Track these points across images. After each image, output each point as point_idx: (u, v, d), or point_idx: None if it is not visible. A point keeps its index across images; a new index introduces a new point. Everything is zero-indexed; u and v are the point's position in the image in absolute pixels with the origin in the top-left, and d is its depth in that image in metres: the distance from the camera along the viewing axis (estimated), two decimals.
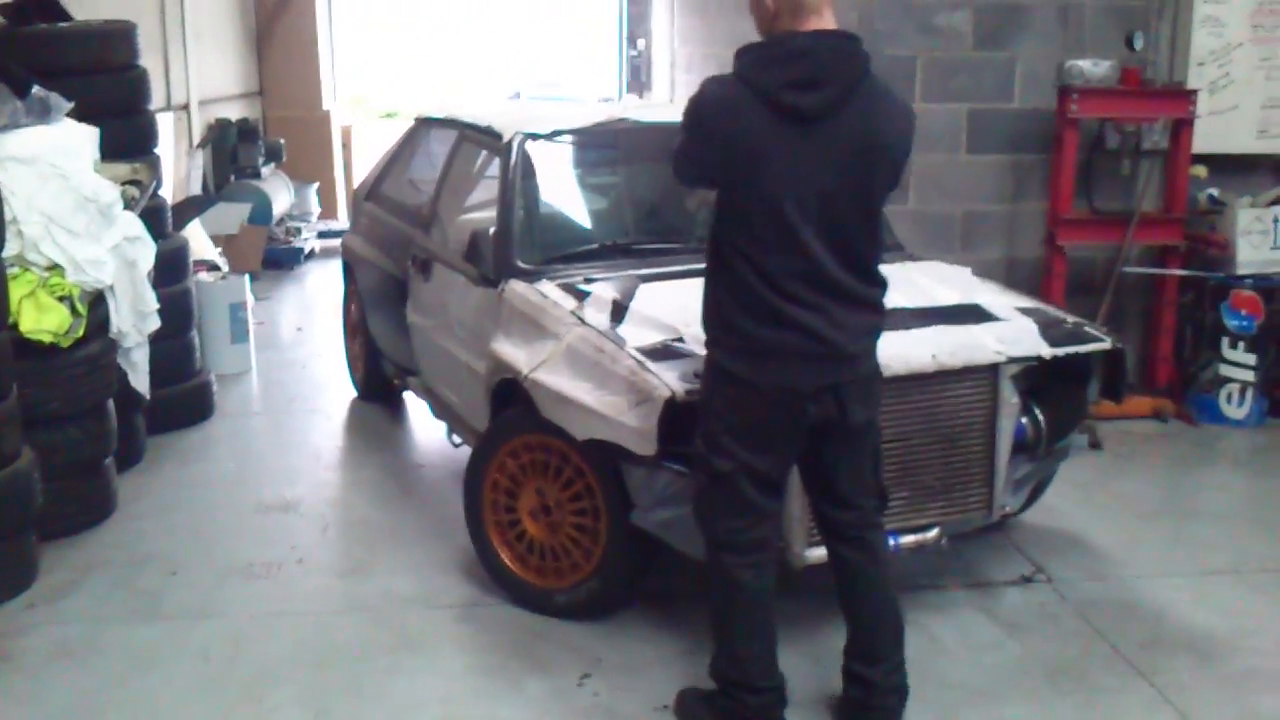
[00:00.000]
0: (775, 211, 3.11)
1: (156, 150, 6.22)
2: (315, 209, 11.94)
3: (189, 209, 8.27)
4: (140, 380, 5.48)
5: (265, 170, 10.99)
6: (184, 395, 6.26)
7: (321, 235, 11.31)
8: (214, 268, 7.74)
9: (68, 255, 4.83)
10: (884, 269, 3.38)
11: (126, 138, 5.77)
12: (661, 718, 3.65)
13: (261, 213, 10.25)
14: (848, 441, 3.37)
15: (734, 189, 3.19)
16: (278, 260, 10.51)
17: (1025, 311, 4.47)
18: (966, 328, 4.19)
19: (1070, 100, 6.20)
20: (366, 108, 14.40)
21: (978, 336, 4.14)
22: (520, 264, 4.72)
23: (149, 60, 6.40)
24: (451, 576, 4.52)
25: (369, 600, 4.41)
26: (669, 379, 3.75)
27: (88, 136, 5.21)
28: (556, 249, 4.90)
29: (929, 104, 6.52)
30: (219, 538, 4.94)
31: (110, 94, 5.75)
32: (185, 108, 9.88)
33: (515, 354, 4.33)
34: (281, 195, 10.95)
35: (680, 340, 3.98)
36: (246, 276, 7.69)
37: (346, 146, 12.93)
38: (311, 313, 9.03)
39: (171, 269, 6.00)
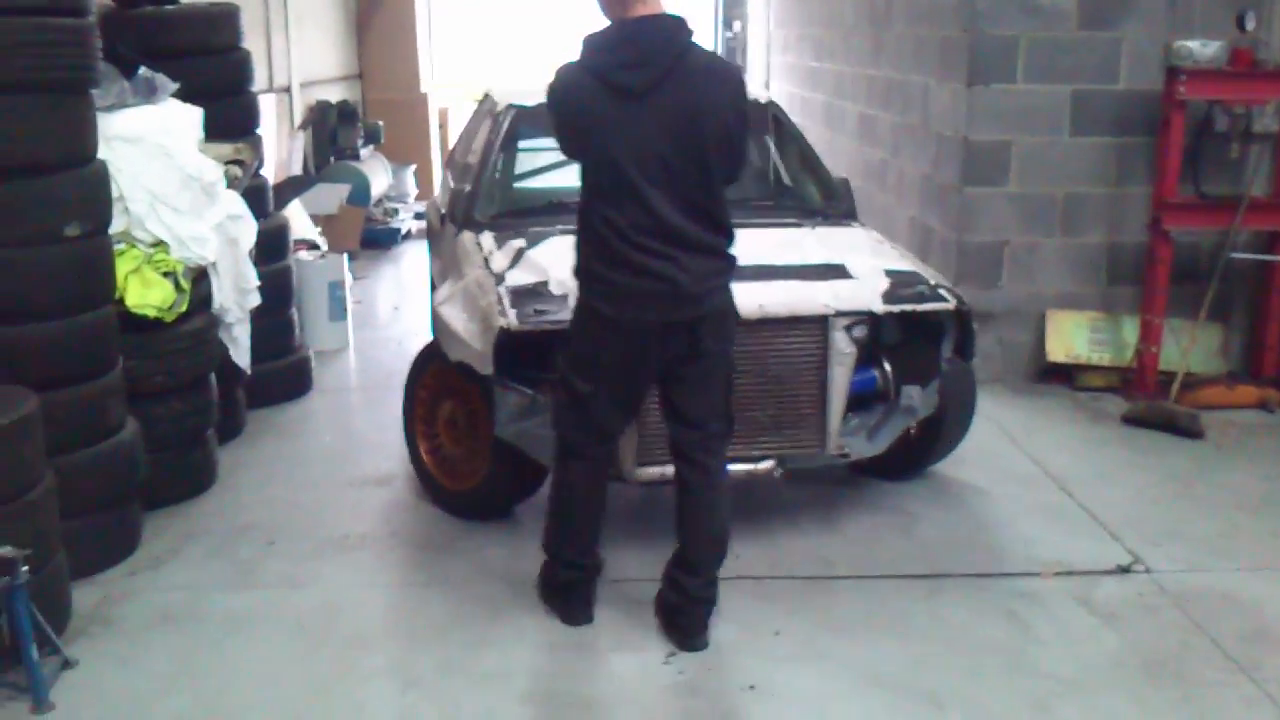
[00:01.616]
0: (621, 176, 3.59)
1: (258, 131, 6.35)
2: (412, 190, 12.09)
3: (289, 189, 8.42)
4: (241, 355, 5.60)
5: (364, 152, 11.17)
6: (283, 370, 6.40)
7: (418, 216, 11.39)
8: (313, 246, 7.88)
9: (172, 232, 4.94)
10: (791, 232, 3.95)
11: (230, 118, 5.90)
12: (749, 698, 3.65)
13: (360, 193, 10.41)
14: (700, 370, 3.81)
15: (586, 158, 3.72)
16: (375, 240, 10.66)
17: (892, 273, 4.71)
18: (809, 283, 4.54)
19: (1178, 82, 6.04)
20: (467, 91, 14.55)
21: (813, 291, 4.49)
22: (477, 218, 5.31)
23: (252, 43, 6.52)
24: (540, 551, 4.55)
25: (459, 573, 4.47)
26: (511, 313, 4.27)
27: (192, 116, 5.32)
28: (512, 205, 5.58)
29: (1031, 84, 6.40)
30: (315, 509, 5.04)
31: (214, 75, 5.87)
32: (287, 90, 10.06)
33: (441, 291, 4.95)
34: (380, 176, 11.11)
35: (546, 283, 4.45)
36: (345, 256, 7.81)
37: (443, 128, 13.06)
38: (408, 292, 9.15)
39: (272, 247, 6.14)
